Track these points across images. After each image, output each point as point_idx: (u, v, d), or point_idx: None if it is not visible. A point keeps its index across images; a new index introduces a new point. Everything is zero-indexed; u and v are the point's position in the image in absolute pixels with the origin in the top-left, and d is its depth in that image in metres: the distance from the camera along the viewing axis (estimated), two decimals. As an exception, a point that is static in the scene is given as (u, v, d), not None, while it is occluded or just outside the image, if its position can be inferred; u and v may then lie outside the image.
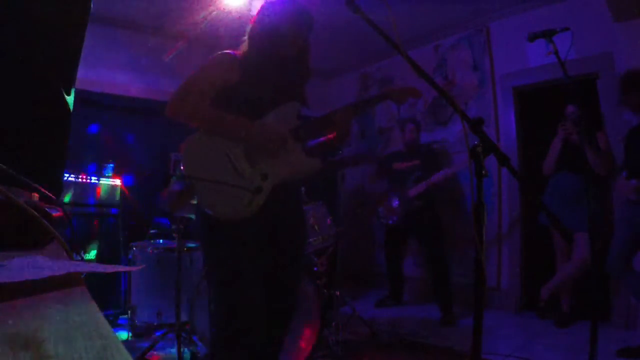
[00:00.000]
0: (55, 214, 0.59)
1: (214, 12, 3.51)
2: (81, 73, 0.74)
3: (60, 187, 0.71)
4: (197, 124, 1.52)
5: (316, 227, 2.61)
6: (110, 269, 0.46)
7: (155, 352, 2.49)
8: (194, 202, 1.60)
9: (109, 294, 3.07)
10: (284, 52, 1.54)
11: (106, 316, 0.76)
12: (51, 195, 0.59)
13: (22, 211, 0.47)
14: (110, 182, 3.25)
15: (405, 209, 3.64)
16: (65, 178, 2.98)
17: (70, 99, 0.70)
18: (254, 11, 1.57)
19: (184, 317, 2.47)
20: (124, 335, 2.80)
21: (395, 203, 3.69)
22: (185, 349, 2.39)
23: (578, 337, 2.83)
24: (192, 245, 2.90)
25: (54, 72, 0.68)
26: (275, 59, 1.54)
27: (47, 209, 0.55)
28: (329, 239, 2.67)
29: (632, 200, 2.51)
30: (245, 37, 1.58)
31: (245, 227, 1.45)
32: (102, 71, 3.82)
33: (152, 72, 4.11)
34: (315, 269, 2.80)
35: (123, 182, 3.32)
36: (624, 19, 2.92)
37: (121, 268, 0.53)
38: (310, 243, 2.52)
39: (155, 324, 2.69)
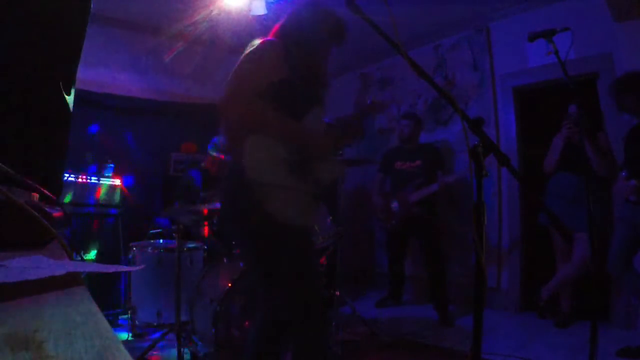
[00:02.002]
0: (55, 214, 0.59)
1: (214, 12, 3.51)
2: (81, 73, 0.74)
3: (60, 187, 0.71)
4: (255, 125, 1.39)
5: (316, 227, 2.61)
6: (110, 269, 0.46)
7: (155, 352, 2.49)
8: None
9: (109, 294, 3.07)
10: (319, 60, 1.53)
11: (106, 316, 0.76)
12: (51, 195, 0.59)
13: (22, 211, 0.47)
14: (110, 182, 3.26)
15: (404, 213, 3.64)
16: (65, 178, 2.98)
17: (70, 99, 0.70)
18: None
19: (184, 317, 2.46)
20: (124, 335, 2.80)
21: (395, 207, 3.69)
22: (185, 349, 2.39)
23: (578, 337, 2.83)
24: (192, 245, 2.90)
25: (54, 72, 0.68)
26: (310, 65, 1.51)
27: (47, 209, 0.55)
28: (329, 239, 2.66)
29: (632, 200, 2.50)
30: (274, 36, 1.51)
31: (306, 232, 1.47)
32: (102, 71, 3.82)
33: (152, 72, 4.12)
34: (315, 269, 2.79)
35: (123, 182, 3.32)
36: (624, 19, 2.92)
37: (121, 268, 0.53)
38: (311, 243, 2.51)
39: (155, 324, 2.69)
